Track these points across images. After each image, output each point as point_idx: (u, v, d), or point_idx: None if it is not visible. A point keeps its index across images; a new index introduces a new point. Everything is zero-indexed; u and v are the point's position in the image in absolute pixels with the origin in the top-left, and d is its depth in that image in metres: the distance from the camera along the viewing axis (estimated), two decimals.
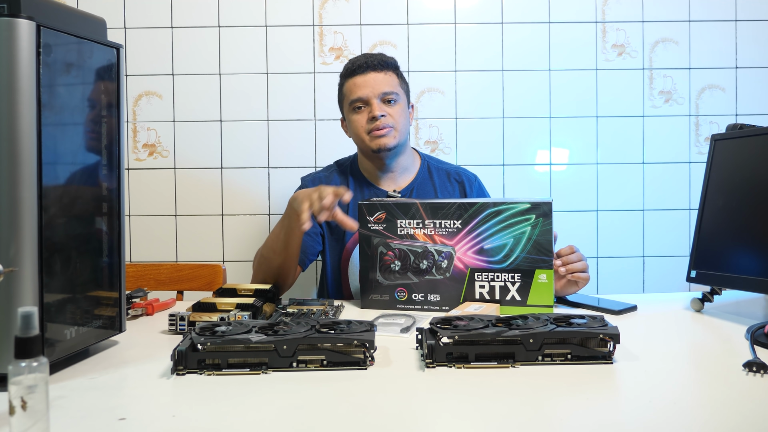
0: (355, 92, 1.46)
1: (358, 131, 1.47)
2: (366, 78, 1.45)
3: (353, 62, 1.48)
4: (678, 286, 1.99)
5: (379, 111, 1.43)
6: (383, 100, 1.45)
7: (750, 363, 0.83)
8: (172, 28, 1.98)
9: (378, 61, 1.46)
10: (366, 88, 1.44)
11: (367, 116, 1.45)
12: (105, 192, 0.95)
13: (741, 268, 1.12)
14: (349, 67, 1.48)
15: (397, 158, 1.51)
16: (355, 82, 1.46)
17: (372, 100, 1.44)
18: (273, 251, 1.35)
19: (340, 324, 0.92)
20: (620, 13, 2.00)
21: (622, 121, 2.02)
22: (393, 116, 1.45)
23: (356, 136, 1.49)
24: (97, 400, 0.77)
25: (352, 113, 1.48)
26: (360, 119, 1.46)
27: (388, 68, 1.47)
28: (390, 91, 1.45)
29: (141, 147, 2.00)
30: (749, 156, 1.17)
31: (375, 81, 1.45)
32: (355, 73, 1.46)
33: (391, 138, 1.45)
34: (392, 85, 1.47)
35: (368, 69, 1.45)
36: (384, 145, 1.44)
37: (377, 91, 1.44)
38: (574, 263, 1.25)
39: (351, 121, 1.48)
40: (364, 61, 1.46)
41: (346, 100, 1.49)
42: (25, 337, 0.60)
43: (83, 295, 0.90)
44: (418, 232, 1.23)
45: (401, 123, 1.47)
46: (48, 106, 0.82)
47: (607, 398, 0.77)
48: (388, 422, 0.70)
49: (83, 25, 0.91)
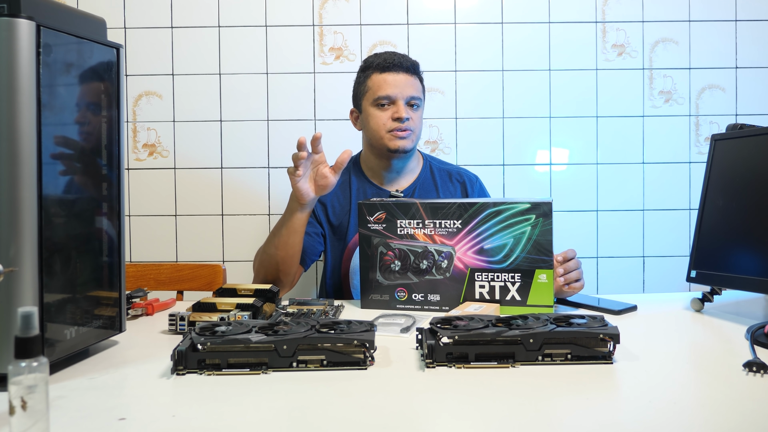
0: (384, 89, 1.45)
1: (377, 127, 1.46)
2: (398, 78, 1.45)
3: (385, 58, 1.47)
4: (678, 286, 1.99)
5: (406, 114, 1.44)
6: (409, 103, 1.46)
7: (750, 363, 0.83)
8: (172, 28, 1.98)
9: (410, 63, 1.48)
10: (396, 88, 1.45)
11: (391, 115, 1.45)
12: (105, 192, 0.95)
13: (741, 268, 1.12)
14: (380, 63, 1.47)
15: (406, 160, 1.52)
16: (385, 78, 1.45)
17: (399, 101, 1.45)
18: (275, 247, 1.35)
19: (340, 324, 0.92)
20: (620, 13, 2.00)
21: (622, 121, 2.02)
22: (414, 121, 1.47)
23: (373, 131, 1.47)
24: (97, 400, 0.77)
25: (374, 108, 1.47)
26: (383, 116, 1.46)
27: (416, 73, 1.49)
28: (416, 96, 1.47)
29: (141, 147, 2.00)
30: (749, 156, 1.17)
31: (405, 83, 1.45)
32: (387, 70, 1.46)
33: (410, 141, 1.46)
34: (418, 91, 1.48)
35: (401, 69, 1.46)
36: (403, 147, 1.45)
37: (406, 94, 1.45)
38: (571, 272, 1.26)
39: (371, 116, 1.47)
40: (399, 61, 1.46)
41: (370, 94, 1.47)
42: (25, 337, 0.60)
43: (83, 295, 0.90)
44: (418, 232, 1.23)
45: (419, 128, 1.50)
46: (48, 106, 0.82)
47: (607, 398, 0.77)
48: (388, 422, 0.70)
49: (83, 25, 0.91)
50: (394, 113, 1.44)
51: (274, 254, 1.36)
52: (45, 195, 0.81)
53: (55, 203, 0.84)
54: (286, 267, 1.37)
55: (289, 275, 1.39)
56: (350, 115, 1.57)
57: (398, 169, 1.52)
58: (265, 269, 1.38)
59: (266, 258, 1.38)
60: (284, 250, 1.35)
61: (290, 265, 1.37)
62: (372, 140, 1.49)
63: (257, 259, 1.42)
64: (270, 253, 1.37)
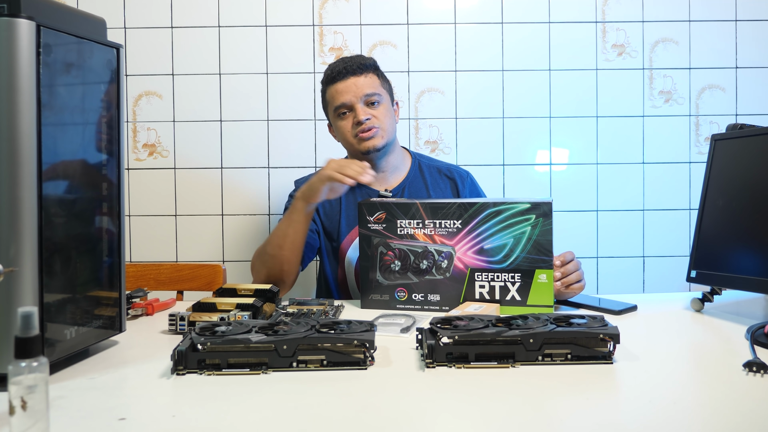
0: (337, 98, 1.46)
1: (345, 136, 1.48)
2: (347, 83, 1.45)
3: (332, 68, 1.48)
4: (678, 286, 1.98)
5: (364, 115, 1.44)
6: (366, 102, 1.46)
7: (750, 363, 0.83)
8: (172, 28, 1.98)
9: (357, 64, 1.46)
10: (348, 94, 1.44)
11: (353, 121, 1.45)
12: (105, 192, 0.95)
13: (741, 268, 1.12)
14: (329, 74, 1.48)
15: (387, 157, 1.51)
16: (336, 88, 1.46)
17: (355, 105, 1.45)
18: (279, 247, 1.36)
19: (340, 324, 0.92)
20: (620, 13, 2.00)
21: (622, 121, 2.02)
22: (378, 117, 1.46)
23: (344, 141, 1.50)
24: (97, 400, 0.77)
25: (337, 119, 1.48)
26: (346, 125, 1.47)
27: (367, 70, 1.47)
28: (372, 93, 1.46)
29: (141, 147, 2.00)
30: (749, 156, 1.17)
31: (356, 85, 1.45)
32: (335, 80, 1.46)
33: (379, 138, 1.45)
34: (374, 87, 1.47)
35: (348, 74, 1.45)
36: (373, 146, 1.45)
37: (359, 95, 1.44)
38: (570, 274, 1.25)
39: (338, 128, 1.49)
40: (343, 67, 1.46)
41: (330, 107, 1.50)
42: (25, 337, 0.60)
43: (83, 295, 0.90)
44: (418, 232, 1.23)
45: (387, 123, 1.47)
46: (48, 106, 0.82)
47: (607, 398, 0.77)
48: (388, 422, 0.70)
49: (83, 25, 0.91)
50: (354, 118, 1.45)
51: (278, 254, 1.36)
52: (45, 195, 0.81)
53: (55, 203, 0.84)
54: (289, 266, 1.37)
55: (291, 274, 1.39)
56: (329, 130, 1.58)
57: (382, 167, 1.52)
58: (268, 269, 1.38)
59: (268, 258, 1.38)
60: (290, 250, 1.35)
61: (294, 264, 1.38)
62: (347, 148, 1.52)
63: (257, 260, 1.42)
64: (273, 254, 1.37)
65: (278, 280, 1.38)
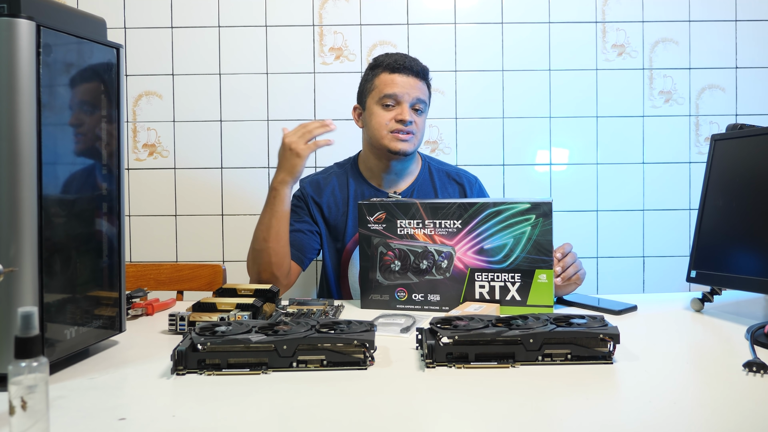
0: (391, 87, 1.45)
1: (379, 126, 1.45)
2: (407, 80, 1.45)
3: (396, 59, 1.47)
4: (678, 286, 1.99)
5: (409, 117, 1.44)
6: (414, 107, 1.46)
7: (750, 363, 0.83)
8: (172, 28, 1.98)
9: (420, 68, 1.48)
10: (403, 89, 1.44)
11: (395, 116, 1.44)
12: (105, 192, 0.95)
13: (741, 268, 1.12)
14: (391, 63, 1.47)
15: (405, 163, 1.52)
16: (394, 78, 1.45)
17: (404, 103, 1.45)
18: (263, 240, 1.34)
19: (340, 324, 0.92)
20: (620, 13, 2.00)
21: (622, 121, 2.02)
22: (417, 125, 1.47)
23: (374, 130, 1.46)
24: (97, 400, 0.77)
25: (378, 107, 1.46)
26: (386, 115, 1.45)
27: (425, 78, 1.49)
28: (422, 100, 1.47)
29: (141, 147, 2.00)
30: (749, 156, 1.17)
31: (413, 86, 1.45)
32: (397, 71, 1.45)
33: (411, 145, 1.46)
34: (425, 95, 1.48)
35: (411, 72, 1.46)
36: (403, 150, 1.45)
37: (412, 96, 1.45)
38: (569, 268, 1.25)
39: (374, 114, 1.46)
40: (409, 64, 1.46)
41: (376, 92, 1.47)
42: (25, 337, 0.60)
43: (83, 295, 0.90)
44: (418, 232, 1.23)
45: (421, 133, 1.50)
46: (48, 106, 0.82)
47: (607, 398, 0.77)
48: (388, 422, 0.70)
49: (83, 25, 0.91)
50: (398, 114, 1.44)
51: (264, 248, 1.34)
52: (45, 195, 0.81)
53: (55, 203, 0.84)
54: (278, 258, 1.34)
55: (282, 268, 1.35)
56: (353, 112, 1.55)
57: (397, 171, 1.52)
58: (258, 265, 1.36)
59: (256, 254, 1.36)
60: (275, 241, 1.33)
61: (282, 255, 1.35)
62: (372, 139, 1.48)
63: (249, 260, 1.40)
64: (260, 248, 1.34)
65: (271, 276, 1.35)
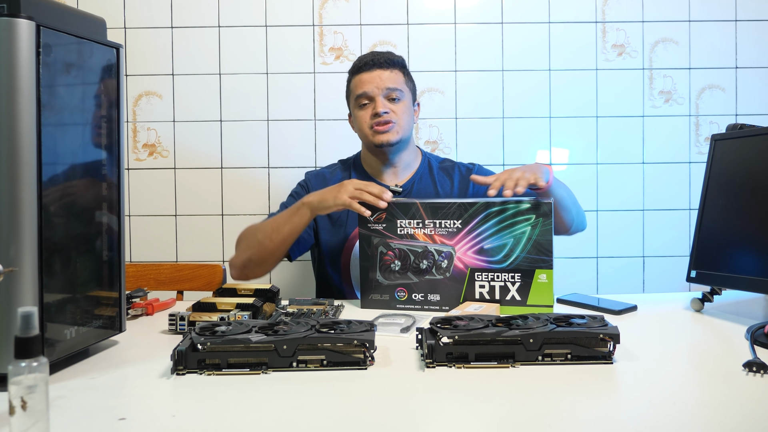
0: (360, 87, 1.49)
1: (362, 126, 1.50)
2: (372, 75, 1.48)
3: (361, 59, 1.52)
4: (678, 286, 1.98)
5: (382, 108, 1.46)
6: (387, 97, 1.48)
7: (750, 363, 0.83)
8: (172, 28, 1.98)
9: (385, 58, 1.50)
10: (371, 84, 1.47)
11: (371, 112, 1.48)
12: (105, 192, 0.95)
13: (741, 268, 1.12)
14: (357, 64, 1.52)
15: (400, 153, 1.53)
16: (361, 78, 1.49)
17: (376, 97, 1.47)
18: (269, 239, 1.39)
19: (340, 324, 0.92)
20: (620, 13, 2.00)
21: (622, 121, 2.02)
22: (396, 113, 1.48)
23: (360, 131, 1.52)
24: (97, 400, 0.77)
25: (357, 109, 1.51)
26: (364, 115, 1.49)
27: (394, 66, 1.50)
28: (394, 88, 1.48)
29: (141, 147, 2.00)
30: (749, 156, 1.17)
31: (380, 78, 1.47)
32: (361, 70, 1.49)
33: (394, 134, 1.47)
34: (397, 83, 1.49)
35: (374, 66, 1.48)
36: (386, 141, 1.47)
37: (381, 88, 1.47)
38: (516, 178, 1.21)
39: (356, 116, 1.52)
40: (371, 59, 1.49)
41: (352, 96, 1.53)
42: (25, 337, 0.60)
43: (83, 295, 0.90)
44: (418, 232, 1.23)
45: (404, 120, 1.49)
46: (48, 106, 0.82)
47: (607, 398, 0.77)
48: (388, 422, 0.70)
49: (83, 25, 0.91)
50: (373, 109, 1.47)
51: (267, 245, 1.39)
52: (45, 195, 0.81)
53: (55, 203, 0.84)
54: (272, 258, 1.41)
55: (270, 265, 1.43)
56: (348, 120, 1.60)
57: (395, 162, 1.54)
58: (252, 253, 1.41)
59: (256, 243, 1.41)
60: (278, 245, 1.38)
61: (277, 258, 1.42)
62: (362, 139, 1.54)
63: (244, 240, 1.45)
64: (262, 242, 1.40)
65: (256, 266, 1.42)
